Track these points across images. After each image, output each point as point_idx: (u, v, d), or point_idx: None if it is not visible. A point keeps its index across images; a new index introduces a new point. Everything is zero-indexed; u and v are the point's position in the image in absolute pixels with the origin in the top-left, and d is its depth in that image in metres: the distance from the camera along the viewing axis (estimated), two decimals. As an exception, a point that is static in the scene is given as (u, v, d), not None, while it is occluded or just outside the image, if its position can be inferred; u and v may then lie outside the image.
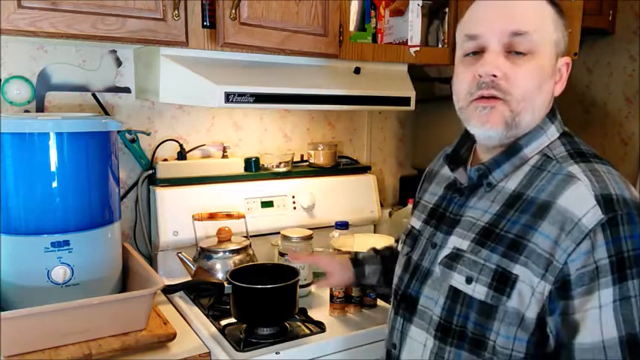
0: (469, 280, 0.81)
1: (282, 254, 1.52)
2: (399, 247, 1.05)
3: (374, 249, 1.29)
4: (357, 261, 1.23)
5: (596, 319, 0.71)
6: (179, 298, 1.47)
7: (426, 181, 1.07)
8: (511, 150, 0.84)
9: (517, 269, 0.77)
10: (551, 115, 0.85)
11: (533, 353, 0.78)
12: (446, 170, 0.99)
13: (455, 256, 0.85)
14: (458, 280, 0.83)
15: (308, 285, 1.51)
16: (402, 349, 0.92)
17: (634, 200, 0.76)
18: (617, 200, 0.74)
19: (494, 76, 0.79)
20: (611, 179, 0.78)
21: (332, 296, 1.38)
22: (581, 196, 0.76)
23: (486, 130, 0.83)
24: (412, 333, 0.91)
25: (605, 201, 0.74)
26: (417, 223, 1.00)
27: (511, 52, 0.79)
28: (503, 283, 0.78)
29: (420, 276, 0.92)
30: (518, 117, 0.81)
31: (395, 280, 1.01)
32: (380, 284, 1.23)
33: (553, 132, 0.85)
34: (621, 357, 0.70)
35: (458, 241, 0.86)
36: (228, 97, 1.29)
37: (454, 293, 0.84)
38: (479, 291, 0.80)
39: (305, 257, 1.40)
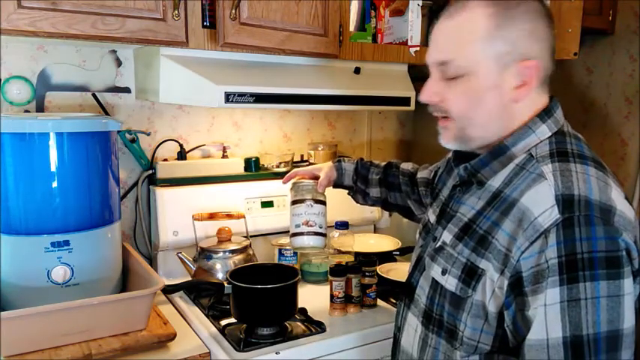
0: (444, 272, 0.87)
1: (282, 254, 1.52)
2: (416, 237, 1.07)
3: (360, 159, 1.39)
4: (339, 164, 1.34)
5: (542, 317, 0.71)
6: (179, 298, 1.47)
7: (446, 172, 1.08)
8: (496, 149, 0.85)
9: (483, 264, 0.80)
10: (543, 115, 0.85)
11: (499, 347, 0.80)
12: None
13: (439, 249, 0.90)
14: (436, 272, 0.89)
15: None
16: (402, 333, 0.99)
17: (601, 203, 0.73)
18: (578, 201, 0.73)
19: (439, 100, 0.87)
20: (580, 179, 0.76)
21: (332, 296, 1.38)
22: (542, 196, 0.76)
23: (445, 145, 0.91)
24: (409, 319, 0.97)
25: (565, 201, 0.73)
26: (432, 217, 1.02)
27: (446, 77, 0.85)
28: (470, 276, 0.82)
29: (420, 267, 0.97)
30: (465, 132, 0.86)
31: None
32: (357, 185, 1.34)
33: (544, 131, 0.84)
34: (563, 358, 0.70)
35: (446, 235, 0.90)
36: (228, 97, 1.29)
37: (435, 284, 0.89)
38: (450, 283, 0.85)
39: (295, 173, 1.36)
